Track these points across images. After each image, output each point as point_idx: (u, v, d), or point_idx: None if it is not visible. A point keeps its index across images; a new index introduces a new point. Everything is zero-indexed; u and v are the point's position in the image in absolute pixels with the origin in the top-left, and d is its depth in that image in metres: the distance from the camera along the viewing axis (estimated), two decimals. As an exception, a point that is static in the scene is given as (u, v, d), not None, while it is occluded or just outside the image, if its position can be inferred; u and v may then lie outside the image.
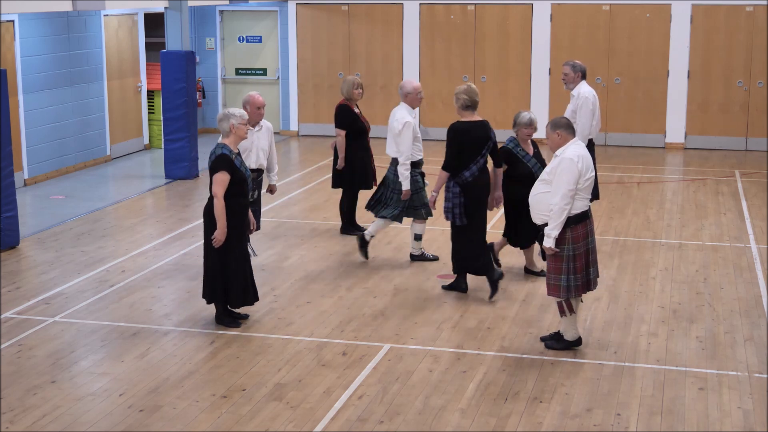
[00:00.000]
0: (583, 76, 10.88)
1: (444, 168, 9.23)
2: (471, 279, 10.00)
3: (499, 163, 9.56)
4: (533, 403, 7.10)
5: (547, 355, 7.95)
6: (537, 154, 9.81)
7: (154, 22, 18.12)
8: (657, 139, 18.20)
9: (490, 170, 9.50)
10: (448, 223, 10.28)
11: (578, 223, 7.77)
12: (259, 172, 9.95)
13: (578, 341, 8.05)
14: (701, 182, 14.98)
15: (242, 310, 8.83)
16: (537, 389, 7.33)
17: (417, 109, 10.49)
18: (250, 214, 8.71)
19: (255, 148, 9.84)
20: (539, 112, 18.18)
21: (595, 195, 10.43)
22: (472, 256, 9.38)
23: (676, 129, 18.11)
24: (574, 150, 7.77)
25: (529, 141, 9.84)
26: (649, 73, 18.02)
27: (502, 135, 18.54)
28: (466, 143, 9.15)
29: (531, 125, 9.69)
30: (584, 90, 10.73)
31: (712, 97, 17.88)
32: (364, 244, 10.69)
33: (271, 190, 10.33)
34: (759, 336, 8.42)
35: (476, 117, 9.29)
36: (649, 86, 18.07)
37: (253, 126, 9.76)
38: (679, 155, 17.51)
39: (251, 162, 9.80)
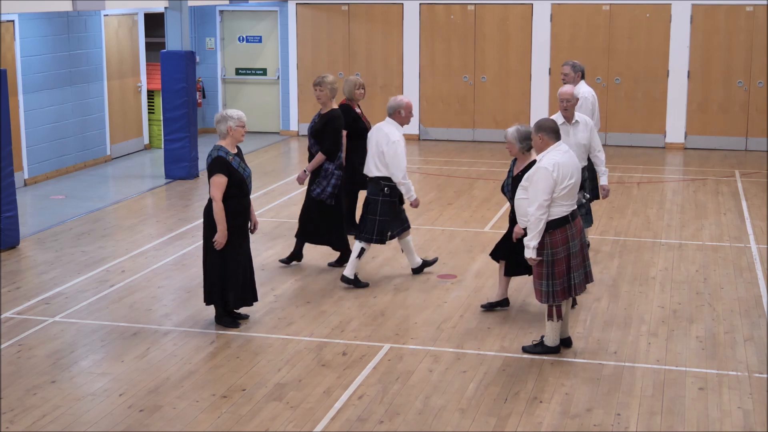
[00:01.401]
0: (582, 76, 10.89)
1: (324, 152, 10.11)
2: (472, 281, 10.00)
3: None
4: (533, 403, 7.09)
5: (547, 355, 7.95)
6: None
7: (154, 22, 18.12)
8: (657, 139, 18.20)
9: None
10: (449, 221, 10.31)
11: (557, 228, 7.65)
12: None
13: (557, 348, 7.97)
14: (701, 182, 14.97)
15: (242, 310, 8.83)
16: (537, 389, 7.32)
17: (578, 115, 10.30)
18: (253, 213, 8.69)
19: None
20: (539, 112, 18.17)
21: (594, 195, 10.43)
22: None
23: (676, 129, 18.11)
24: (551, 158, 7.60)
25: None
26: (649, 73, 18.02)
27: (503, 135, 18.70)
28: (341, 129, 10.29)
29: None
30: (583, 90, 10.74)
31: (712, 97, 17.88)
32: None
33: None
34: (759, 336, 8.42)
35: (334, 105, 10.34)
36: (649, 86, 18.06)
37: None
38: (679, 155, 17.51)
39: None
